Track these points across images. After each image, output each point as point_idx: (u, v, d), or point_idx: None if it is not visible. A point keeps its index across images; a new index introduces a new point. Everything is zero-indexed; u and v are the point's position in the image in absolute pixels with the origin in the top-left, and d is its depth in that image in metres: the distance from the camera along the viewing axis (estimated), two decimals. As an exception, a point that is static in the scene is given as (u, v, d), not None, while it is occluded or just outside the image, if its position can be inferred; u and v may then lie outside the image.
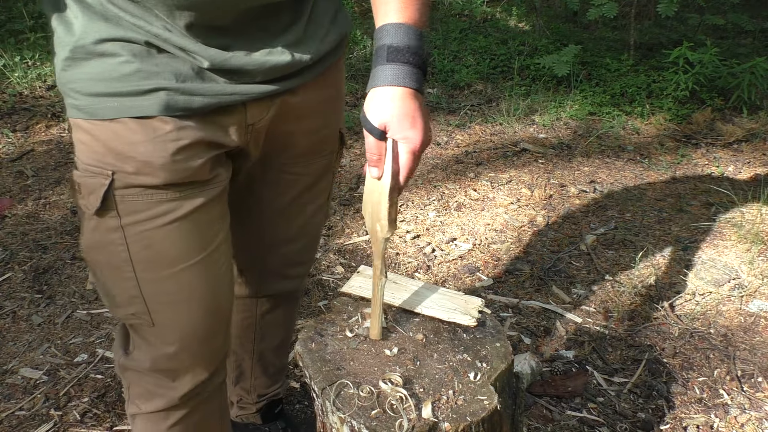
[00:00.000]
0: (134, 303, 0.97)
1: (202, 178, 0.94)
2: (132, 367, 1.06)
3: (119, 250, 0.93)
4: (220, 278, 1.02)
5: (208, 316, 1.01)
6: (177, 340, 1.01)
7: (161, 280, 0.96)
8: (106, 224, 0.92)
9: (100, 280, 1.00)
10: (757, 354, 1.90)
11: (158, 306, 0.98)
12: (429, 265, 2.33)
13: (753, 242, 2.41)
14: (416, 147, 0.91)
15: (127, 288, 0.96)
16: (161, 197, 0.92)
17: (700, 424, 1.67)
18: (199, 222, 0.96)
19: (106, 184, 0.90)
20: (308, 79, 1.01)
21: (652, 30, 4.76)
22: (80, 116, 0.89)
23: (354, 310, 1.14)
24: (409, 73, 0.89)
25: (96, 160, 0.90)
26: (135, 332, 1.03)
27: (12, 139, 3.13)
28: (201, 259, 0.97)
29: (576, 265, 2.33)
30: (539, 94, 3.81)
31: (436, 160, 3.13)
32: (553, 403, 1.74)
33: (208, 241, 0.98)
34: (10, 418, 1.66)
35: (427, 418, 0.90)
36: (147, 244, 0.93)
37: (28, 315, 2.04)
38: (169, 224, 0.93)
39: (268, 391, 1.54)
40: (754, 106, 3.60)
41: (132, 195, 0.91)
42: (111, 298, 1.00)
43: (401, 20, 0.89)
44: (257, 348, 1.45)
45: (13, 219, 2.53)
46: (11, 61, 3.74)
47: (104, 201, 0.90)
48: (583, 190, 2.86)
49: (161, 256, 0.94)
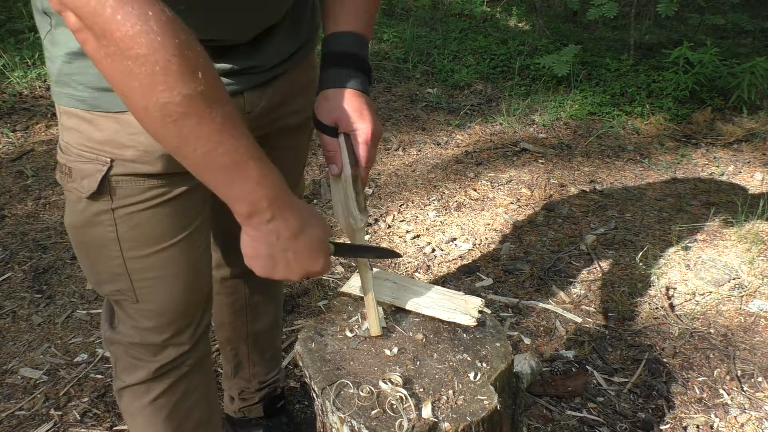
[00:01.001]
0: (119, 280, 1.02)
1: None
2: (117, 340, 1.11)
3: (108, 230, 0.98)
4: (199, 257, 1.08)
5: (188, 292, 1.07)
6: (159, 314, 1.06)
7: (145, 258, 1.01)
8: (97, 207, 0.97)
9: (85, 258, 1.05)
10: (757, 354, 1.90)
11: (142, 282, 1.03)
12: (429, 265, 2.33)
13: (753, 242, 2.41)
14: (368, 137, 0.97)
15: (113, 266, 1.01)
16: (152, 183, 0.96)
17: (700, 424, 1.67)
18: (184, 205, 1.01)
19: (104, 170, 0.93)
20: (296, 61, 1.09)
21: (652, 30, 4.76)
22: (79, 106, 0.92)
23: (354, 310, 1.13)
24: (354, 76, 0.97)
25: (91, 148, 0.94)
26: (119, 307, 1.09)
27: (12, 139, 3.13)
28: (182, 237, 1.03)
29: (576, 265, 2.33)
30: (539, 94, 3.81)
31: (436, 160, 3.13)
32: (553, 403, 1.74)
33: (190, 221, 1.04)
34: (10, 418, 1.66)
35: (427, 418, 0.90)
36: (134, 224, 0.98)
37: (28, 315, 2.04)
38: (156, 206, 0.98)
39: (268, 378, 1.55)
40: (754, 106, 3.60)
41: (126, 181, 0.95)
42: (96, 275, 1.05)
43: (348, 29, 0.97)
44: (251, 330, 1.48)
45: (13, 219, 2.53)
46: (11, 61, 3.74)
47: (100, 186, 0.94)
48: (583, 190, 2.86)
49: (147, 236, 0.99)
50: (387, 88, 3.99)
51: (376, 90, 3.95)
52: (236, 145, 0.76)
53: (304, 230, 0.87)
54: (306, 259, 0.88)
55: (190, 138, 0.73)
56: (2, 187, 2.74)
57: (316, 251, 0.89)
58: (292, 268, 0.89)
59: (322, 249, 0.90)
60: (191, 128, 0.72)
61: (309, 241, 0.88)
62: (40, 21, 0.94)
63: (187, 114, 0.71)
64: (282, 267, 0.89)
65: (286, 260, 0.88)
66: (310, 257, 0.89)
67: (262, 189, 0.80)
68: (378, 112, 3.62)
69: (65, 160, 0.98)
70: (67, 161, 0.97)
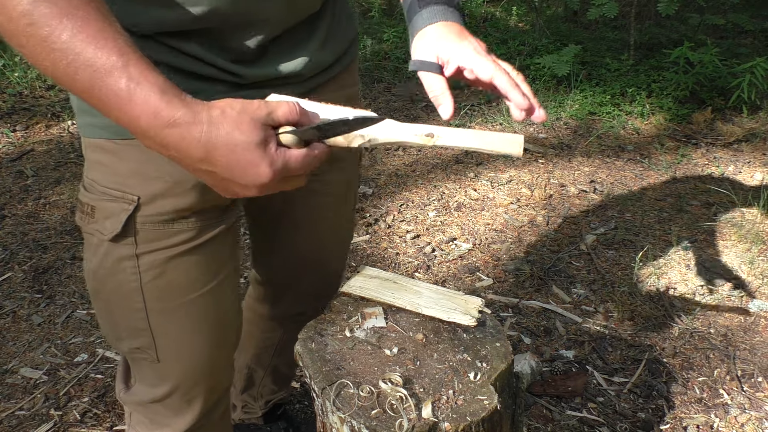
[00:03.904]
0: (140, 335, 0.94)
1: (224, 202, 0.92)
2: (134, 401, 1.03)
3: (130, 279, 0.89)
4: (228, 307, 1.00)
5: (214, 349, 0.99)
6: (181, 376, 0.97)
7: (171, 311, 0.93)
8: (120, 251, 0.88)
9: (103, 310, 0.96)
10: (757, 354, 1.90)
11: (165, 339, 0.94)
12: (429, 265, 2.33)
13: (753, 242, 2.41)
14: (478, 47, 0.86)
15: (135, 319, 0.92)
16: (182, 226, 0.88)
17: (700, 424, 1.67)
18: (215, 249, 0.93)
19: (130, 209, 0.85)
20: (333, 74, 1.02)
21: (652, 30, 4.76)
22: (103, 135, 0.85)
23: (354, 310, 1.14)
24: (448, 11, 0.89)
25: (118, 183, 0.86)
26: (137, 367, 1.00)
27: (12, 139, 3.13)
28: (212, 287, 0.94)
29: (576, 265, 2.33)
30: (539, 94, 3.81)
31: (436, 160, 3.13)
32: (553, 403, 1.74)
33: (220, 267, 0.95)
34: (10, 418, 1.66)
35: (427, 418, 0.90)
36: (159, 273, 0.89)
37: (28, 315, 2.04)
38: (185, 253, 0.90)
39: (274, 397, 1.54)
40: (754, 106, 3.60)
41: (153, 222, 0.87)
42: (114, 329, 0.96)
43: None
44: (272, 363, 1.45)
45: (13, 219, 2.53)
46: (11, 61, 3.74)
47: (124, 227, 0.86)
48: (583, 190, 2.86)
49: (173, 286, 0.91)
50: (387, 88, 3.99)
51: (376, 90, 3.95)
52: (96, 55, 0.63)
53: (215, 146, 0.66)
54: (242, 174, 0.68)
55: (44, 50, 0.63)
56: (2, 187, 2.74)
57: (250, 161, 0.67)
58: (237, 191, 0.71)
59: (258, 154, 0.67)
60: (44, 38, 0.62)
61: (228, 155, 0.67)
62: None
63: (35, 23, 0.62)
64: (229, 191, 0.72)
65: (223, 184, 0.71)
66: (246, 172, 0.68)
67: (134, 107, 0.64)
68: (378, 112, 3.62)
69: (88, 198, 0.88)
70: (90, 200, 0.88)
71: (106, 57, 0.64)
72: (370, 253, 2.40)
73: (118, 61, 0.64)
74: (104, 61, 0.64)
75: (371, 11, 4.89)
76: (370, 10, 4.95)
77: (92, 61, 0.64)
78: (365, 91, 3.99)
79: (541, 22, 4.71)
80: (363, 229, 2.54)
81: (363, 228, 2.55)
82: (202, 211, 0.89)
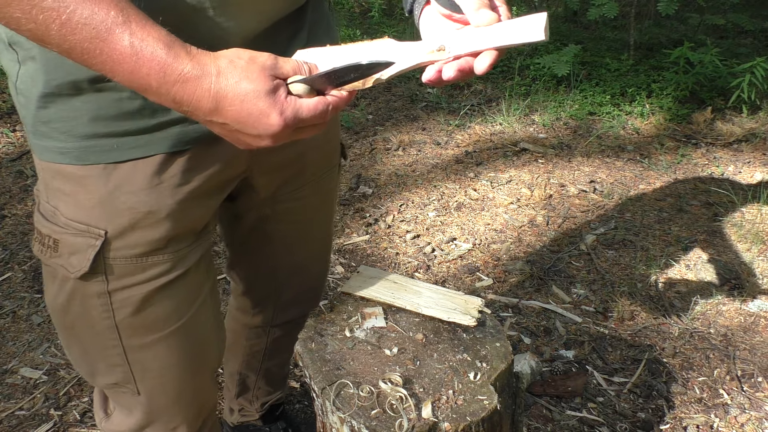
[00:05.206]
0: (117, 371, 0.88)
1: (198, 226, 0.87)
2: (114, 430, 0.99)
3: (103, 317, 0.83)
4: (208, 329, 0.95)
5: (196, 376, 0.94)
6: (163, 407, 0.94)
7: (149, 346, 0.87)
8: (89, 289, 0.81)
9: (74, 347, 0.89)
10: (757, 354, 1.90)
11: (145, 374, 0.89)
12: (429, 265, 2.33)
13: (753, 242, 2.41)
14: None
15: (110, 356, 0.86)
16: (156, 259, 0.82)
17: (700, 424, 1.67)
18: (190, 280, 0.88)
19: (97, 245, 0.77)
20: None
21: (652, 30, 4.76)
22: (63, 161, 0.75)
23: (354, 310, 1.13)
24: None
25: (82, 216, 0.78)
26: (114, 397, 0.95)
27: (12, 139, 3.13)
28: (191, 315, 0.89)
29: (576, 265, 2.33)
30: (539, 94, 3.81)
31: (436, 160, 3.13)
32: (553, 403, 1.74)
33: (197, 295, 0.91)
34: (10, 418, 1.66)
35: (427, 418, 0.90)
36: (135, 310, 0.83)
37: (28, 315, 2.04)
38: (162, 288, 0.84)
39: (270, 398, 1.54)
40: (754, 106, 3.60)
41: (125, 257, 0.80)
42: (88, 365, 0.90)
43: None
44: (263, 366, 1.44)
45: (13, 219, 2.53)
46: (11, 61, 3.74)
47: (93, 265, 0.78)
48: (583, 190, 2.86)
49: (150, 321, 0.85)
50: (387, 88, 3.99)
51: (376, 90, 3.95)
52: (94, 11, 0.58)
53: (225, 96, 0.63)
54: (254, 123, 0.65)
55: (33, 9, 0.57)
56: (2, 187, 2.73)
57: (261, 110, 0.64)
58: (250, 142, 0.68)
59: (268, 102, 0.64)
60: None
61: (238, 105, 0.64)
62: (6, 58, 0.75)
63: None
64: (241, 142, 0.69)
65: (235, 136, 0.68)
66: (258, 121, 0.65)
67: (141, 66, 0.60)
68: (378, 113, 3.63)
69: (49, 230, 0.79)
70: (51, 232, 0.79)
71: (105, 13, 0.58)
72: (370, 253, 2.40)
73: (118, 16, 0.59)
74: (103, 17, 0.58)
75: (371, 11, 4.89)
76: (370, 10, 4.94)
77: (90, 18, 0.57)
78: (365, 90, 3.99)
79: (541, 22, 4.70)
80: (363, 229, 2.54)
81: (363, 228, 2.55)
82: (176, 239, 0.83)
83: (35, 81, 0.73)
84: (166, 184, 0.79)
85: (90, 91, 0.73)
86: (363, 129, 3.44)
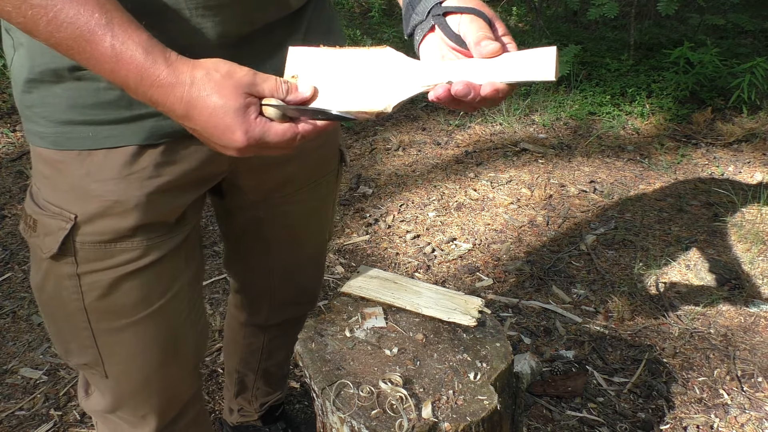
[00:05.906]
0: (87, 353, 0.91)
1: (170, 219, 0.88)
2: (92, 409, 1.02)
3: (73, 298, 0.85)
4: (182, 321, 0.95)
5: (165, 367, 0.95)
6: (129, 393, 0.95)
7: (117, 331, 0.89)
8: (61, 270, 0.84)
9: (51, 325, 0.93)
10: (757, 354, 1.90)
11: (112, 358, 0.91)
12: (429, 265, 2.33)
13: (753, 242, 2.41)
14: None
15: (81, 337, 0.89)
16: (125, 246, 0.83)
17: (700, 424, 1.67)
18: (162, 269, 0.88)
19: (67, 228, 0.80)
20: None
21: (652, 30, 4.76)
22: (43, 145, 0.79)
23: (354, 310, 1.13)
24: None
25: (57, 198, 0.81)
26: (89, 379, 0.99)
27: (12, 139, 3.13)
28: (161, 305, 0.90)
29: (576, 265, 2.33)
30: (539, 94, 3.81)
31: (436, 160, 3.13)
32: (553, 403, 1.74)
33: (170, 285, 0.91)
34: (10, 418, 1.66)
35: (427, 418, 0.90)
36: (103, 294, 0.85)
37: (28, 315, 2.04)
38: (130, 275, 0.85)
39: (269, 398, 1.54)
40: (754, 106, 3.60)
41: (93, 243, 0.82)
42: (63, 344, 0.93)
43: None
44: (262, 366, 1.44)
45: (13, 219, 2.53)
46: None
47: (62, 246, 0.81)
48: (583, 190, 2.86)
49: (118, 307, 0.87)
50: (387, 88, 3.99)
51: (376, 90, 3.95)
52: (79, 12, 0.62)
53: (194, 106, 0.66)
54: (220, 136, 0.68)
55: (22, 4, 0.61)
56: (2, 187, 2.73)
57: (227, 125, 0.67)
58: (218, 150, 0.72)
59: (235, 120, 0.67)
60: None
61: (206, 117, 0.67)
62: (7, 44, 0.79)
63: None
64: (212, 148, 0.73)
65: (205, 140, 0.71)
66: (222, 135, 0.68)
67: (120, 67, 0.64)
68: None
69: (32, 210, 0.84)
70: (33, 212, 0.84)
71: (89, 14, 0.62)
72: (370, 253, 2.40)
73: (101, 18, 0.62)
74: (87, 19, 0.62)
75: (371, 11, 4.89)
76: (370, 10, 4.94)
77: (74, 18, 0.62)
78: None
79: (541, 22, 4.71)
80: (363, 229, 2.54)
81: (363, 228, 2.55)
82: (147, 228, 0.84)
83: (23, 66, 0.76)
84: (136, 175, 0.80)
85: (70, 79, 0.75)
86: (363, 129, 3.44)
